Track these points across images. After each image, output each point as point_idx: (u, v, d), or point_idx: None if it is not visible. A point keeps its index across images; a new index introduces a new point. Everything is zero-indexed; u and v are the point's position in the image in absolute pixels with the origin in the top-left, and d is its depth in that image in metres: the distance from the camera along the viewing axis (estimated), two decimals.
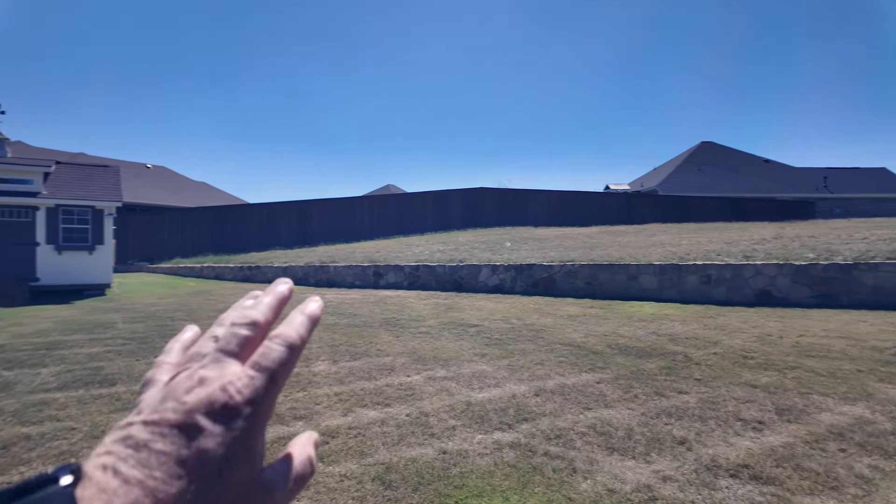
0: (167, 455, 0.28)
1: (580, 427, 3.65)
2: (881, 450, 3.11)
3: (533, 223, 23.81)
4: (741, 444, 3.23)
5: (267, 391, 0.32)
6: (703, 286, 9.14)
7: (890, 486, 2.67)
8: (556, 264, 10.78)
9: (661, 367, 5.07)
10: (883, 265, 8.04)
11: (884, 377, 4.54)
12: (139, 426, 0.30)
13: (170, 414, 0.30)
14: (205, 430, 0.29)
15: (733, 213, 25.69)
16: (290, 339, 0.35)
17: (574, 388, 4.54)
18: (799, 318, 7.32)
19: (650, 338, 6.38)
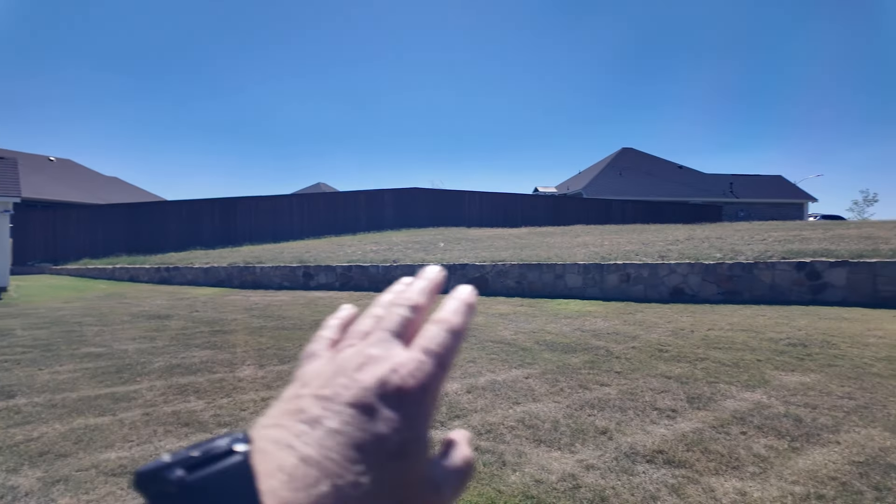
0: (342, 435, 0.27)
1: (510, 421, 3.76)
2: (776, 431, 3.43)
3: (466, 224, 24.15)
4: (657, 431, 3.46)
5: (436, 377, 0.30)
6: (623, 284, 9.67)
7: (783, 464, 2.96)
8: (487, 264, 11.00)
9: (585, 362, 5.32)
10: (779, 264, 8.87)
11: (778, 365, 5.01)
12: (310, 399, 0.28)
13: (343, 390, 0.28)
14: (379, 412, 0.28)
15: (651, 216, 27.34)
16: (454, 324, 0.33)
17: (504, 383, 4.66)
18: (708, 313, 7.93)
19: (575, 334, 6.67)
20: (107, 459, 3.27)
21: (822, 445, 3.20)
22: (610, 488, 2.71)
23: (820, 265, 8.57)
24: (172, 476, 0.24)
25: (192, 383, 4.91)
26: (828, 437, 3.32)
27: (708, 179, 41.75)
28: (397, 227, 23.64)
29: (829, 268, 8.50)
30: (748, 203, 39.23)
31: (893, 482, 2.69)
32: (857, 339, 5.89)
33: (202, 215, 23.63)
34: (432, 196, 25.94)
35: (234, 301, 10.85)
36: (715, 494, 2.61)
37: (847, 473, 2.80)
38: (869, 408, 3.85)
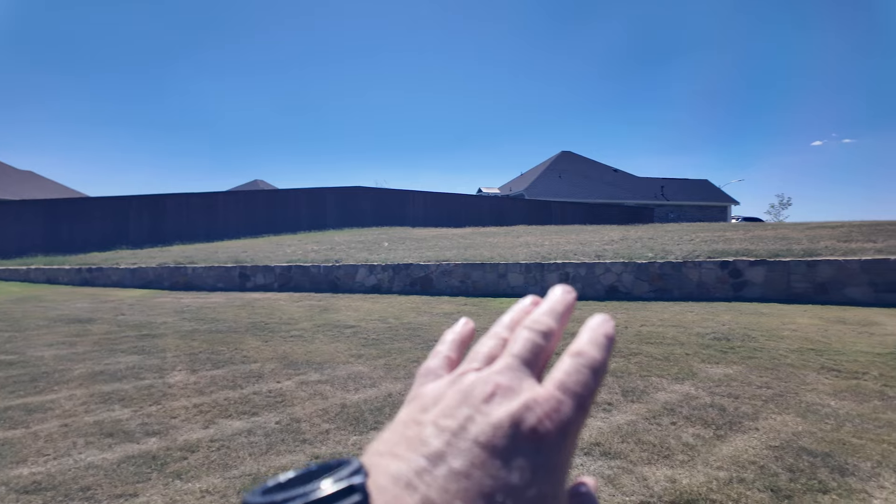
0: (469, 480, 0.22)
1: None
2: (703, 420, 3.64)
3: (411, 223, 24.10)
4: (594, 424, 3.58)
5: (575, 422, 0.26)
6: (563, 283, 9.96)
7: (709, 451, 3.14)
8: (432, 264, 11.01)
9: None
10: (705, 263, 9.43)
11: (705, 359, 5.32)
12: (432, 428, 0.25)
13: (470, 424, 0.24)
14: (513, 458, 0.23)
15: (589, 217, 28.35)
16: (595, 359, 0.29)
17: None
18: (641, 310, 8.31)
19: None
20: (19, 476, 3.01)
21: (743, 432, 3.42)
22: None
23: (741, 264, 9.18)
24: None
25: (116, 391, 4.60)
26: (748, 425, 3.56)
27: (641, 183, 43.81)
28: (340, 226, 23.25)
29: (749, 266, 9.13)
30: (678, 205, 41.49)
31: (804, 464, 2.92)
32: (774, 333, 6.35)
33: (129, 212, 22.26)
34: (376, 195, 25.71)
35: (164, 303, 10.29)
36: (647, 483, 2.73)
37: (765, 457, 3.01)
38: (784, 396, 4.15)
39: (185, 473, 3.03)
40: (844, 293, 8.47)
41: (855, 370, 4.77)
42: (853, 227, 11.64)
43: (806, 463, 2.93)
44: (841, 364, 4.97)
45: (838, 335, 6.15)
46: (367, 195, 25.37)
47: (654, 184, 43.75)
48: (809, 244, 10.03)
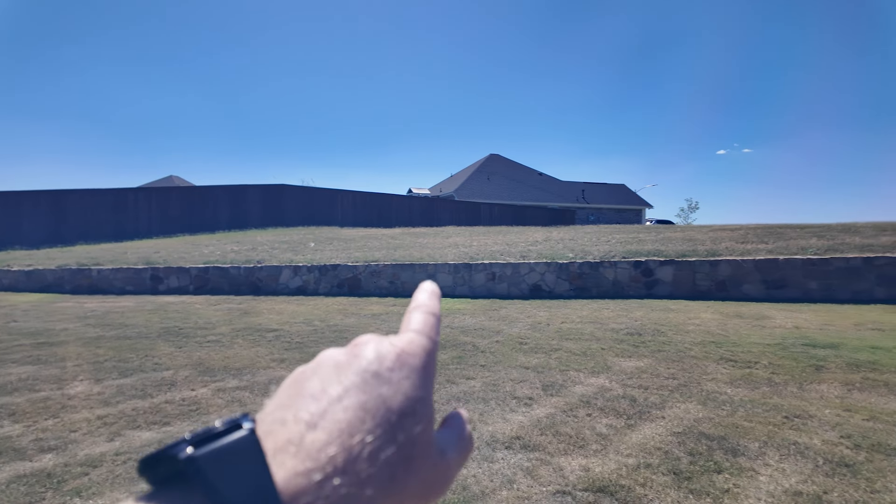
0: (347, 398, 0.28)
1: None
2: (615, 411, 3.86)
3: (339, 223, 23.64)
4: (515, 418, 3.70)
5: (429, 349, 0.33)
6: (490, 282, 10.19)
7: (620, 440, 3.34)
8: (360, 264, 10.87)
9: (454, 357, 5.51)
10: (620, 263, 9.98)
11: (619, 353, 5.64)
12: (314, 379, 0.30)
13: (345, 365, 0.30)
14: (382, 375, 0.29)
15: (516, 218, 29.16)
16: (432, 308, 0.36)
17: None
18: (561, 307, 8.66)
19: (444, 331, 6.86)
20: None
21: (651, 421, 3.66)
22: (471, 476, 2.83)
23: (652, 264, 9.81)
24: (180, 454, 0.24)
25: (7, 405, 4.17)
26: (656, 414, 3.81)
27: (564, 186, 45.66)
28: (263, 225, 22.36)
29: (659, 266, 9.77)
30: (597, 208, 43.63)
31: (703, 447, 3.18)
32: (680, 328, 6.85)
33: (23, 209, 20.20)
34: (303, 194, 24.97)
35: (64, 308, 9.44)
36: (563, 472, 2.85)
37: (669, 443, 3.24)
38: (687, 385, 4.48)
39: (86, 490, 2.80)
40: (741, 290, 9.29)
41: (748, 360, 5.24)
42: (749, 230, 12.78)
43: (704, 446, 3.19)
44: (737, 355, 5.44)
45: (735, 328, 6.73)
46: (293, 194, 24.58)
47: (575, 187, 45.75)
48: (712, 245, 10.90)
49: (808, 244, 10.23)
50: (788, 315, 7.54)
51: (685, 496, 2.59)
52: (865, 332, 6.38)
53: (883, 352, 5.39)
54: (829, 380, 4.55)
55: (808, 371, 4.82)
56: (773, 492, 2.63)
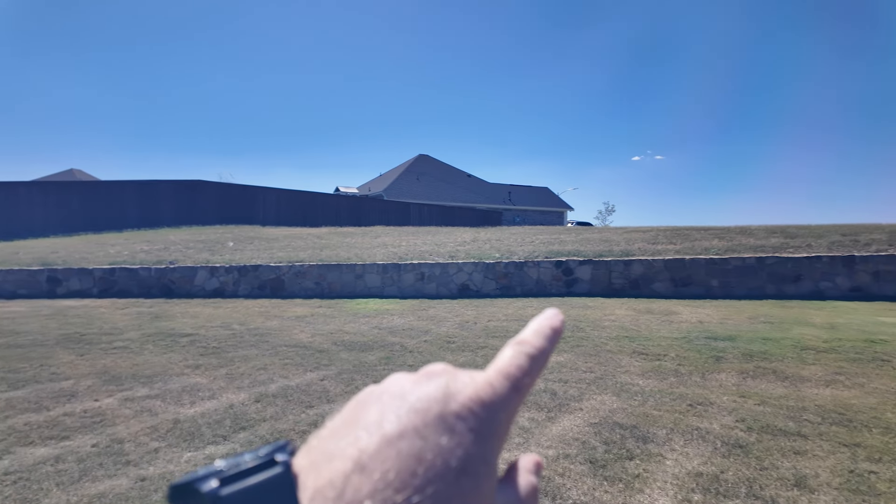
0: (403, 441, 0.24)
1: (301, 426, 3.65)
2: (537, 405, 4.00)
3: (261, 222, 22.70)
4: None
5: (509, 399, 0.28)
6: (419, 283, 10.21)
7: (541, 432, 3.46)
8: (284, 265, 10.52)
9: (381, 358, 5.46)
10: (543, 263, 10.35)
11: None
12: (374, 403, 0.27)
13: (409, 394, 0.27)
14: (445, 423, 0.26)
15: (445, 219, 29.42)
16: (535, 346, 0.31)
17: (298, 388, 4.51)
18: (488, 306, 8.85)
19: (373, 332, 6.80)
20: None
21: (570, 413, 3.83)
22: None
23: (572, 263, 10.26)
24: (205, 489, 0.23)
25: None
26: (575, 406, 3.99)
27: (491, 188, 46.67)
28: (178, 224, 21.03)
29: (578, 265, 10.24)
30: (523, 210, 44.99)
31: (617, 436, 3.37)
32: (597, 323, 7.21)
33: None
34: (222, 191, 23.73)
35: None
36: None
37: (586, 434, 3.41)
38: (603, 378, 4.73)
39: None
40: (652, 288, 9.94)
41: (658, 353, 5.62)
42: (659, 232, 13.69)
43: (618, 435, 3.38)
44: (648, 348, 5.82)
45: (646, 324, 7.19)
46: (211, 190, 23.30)
47: (502, 189, 46.91)
48: (626, 246, 11.57)
49: (710, 245, 11.13)
50: (693, 310, 8.16)
51: (600, 483, 2.73)
52: (758, 324, 7.04)
53: (772, 342, 5.97)
54: (728, 369, 4.98)
55: (709, 362, 5.24)
56: (678, 474, 2.83)
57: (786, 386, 4.45)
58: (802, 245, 10.80)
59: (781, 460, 3.00)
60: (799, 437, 3.33)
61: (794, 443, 3.25)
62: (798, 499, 2.56)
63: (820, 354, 5.45)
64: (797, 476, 2.80)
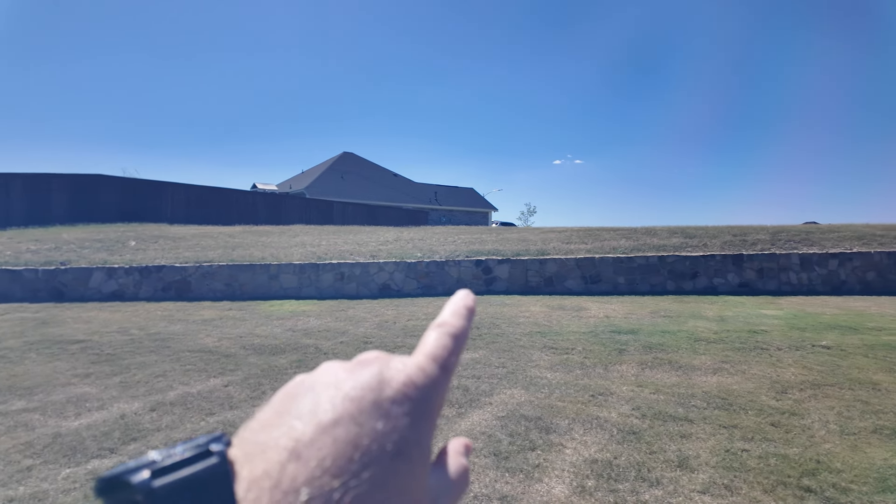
0: (338, 428, 0.25)
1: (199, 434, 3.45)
2: (448, 402, 4.04)
3: (169, 220, 21.24)
4: None
5: (439, 381, 0.29)
6: (338, 283, 10.01)
7: (450, 428, 3.50)
8: (191, 265, 9.91)
9: (293, 361, 5.29)
10: (463, 262, 10.51)
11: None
12: (307, 393, 0.27)
13: (343, 383, 0.27)
14: (380, 408, 0.26)
15: (369, 218, 29.08)
16: (456, 328, 0.32)
17: (199, 395, 4.27)
18: (409, 305, 8.84)
19: (286, 334, 6.57)
20: None
21: (480, 408, 3.90)
22: None
23: (491, 262, 10.50)
24: (136, 481, 0.22)
25: None
26: (485, 400, 4.07)
27: (418, 188, 46.72)
28: (72, 221, 19.19)
29: (497, 264, 10.49)
30: (449, 210, 45.44)
31: (522, 428, 3.47)
32: (513, 320, 7.42)
33: None
34: (124, 186, 21.95)
35: None
36: None
37: (493, 427, 3.49)
38: (514, 373, 4.87)
39: None
40: (565, 285, 10.39)
41: (567, 347, 5.87)
42: (573, 232, 14.34)
43: (523, 427, 3.49)
44: (557, 343, 6.06)
45: (558, 319, 7.50)
46: (112, 186, 21.45)
47: (429, 189, 47.10)
48: (542, 245, 12.01)
49: (618, 245, 11.81)
50: (601, 306, 8.61)
51: (502, 475, 2.80)
52: (658, 318, 7.55)
53: (669, 335, 6.43)
54: (629, 361, 5.29)
55: (612, 354, 5.55)
56: (575, 462, 2.97)
57: (679, 375, 4.81)
58: (699, 244, 11.75)
59: (669, 444, 3.23)
60: (686, 422, 3.61)
61: (682, 427, 3.52)
62: (679, 478, 2.77)
63: (710, 345, 5.94)
64: (681, 457, 3.02)
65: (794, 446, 3.18)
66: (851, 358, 5.36)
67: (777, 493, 2.60)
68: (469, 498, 2.58)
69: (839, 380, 4.61)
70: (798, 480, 2.73)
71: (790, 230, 13.14)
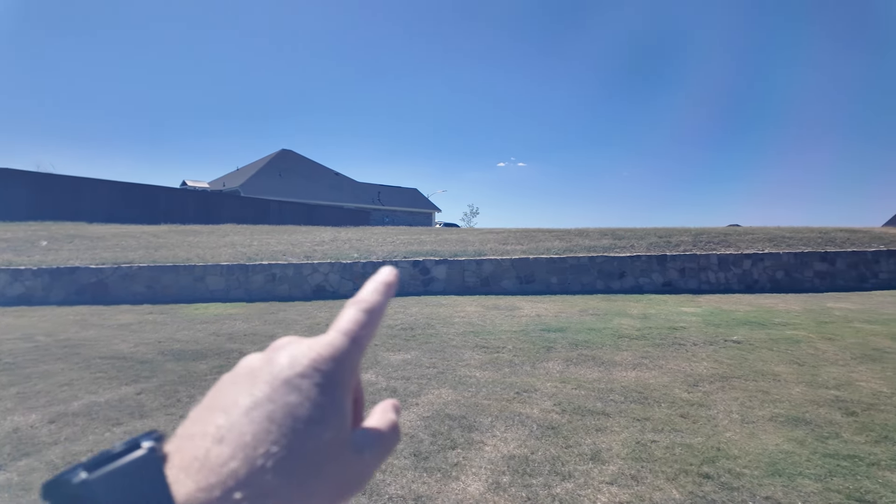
0: (256, 410, 0.27)
1: (103, 446, 3.22)
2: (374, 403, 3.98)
3: (88, 218, 19.83)
4: None
5: (349, 352, 0.31)
6: (269, 284, 9.69)
7: None
8: (108, 267, 9.29)
9: (214, 367, 5.06)
10: (401, 262, 10.46)
11: (390, 347, 5.88)
12: (229, 389, 0.30)
13: (260, 372, 0.30)
14: (292, 383, 0.29)
15: (308, 218, 28.39)
16: (370, 304, 0.34)
17: (107, 404, 4.00)
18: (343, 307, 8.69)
19: (209, 339, 6.29)
20: None
21: (406, 409, 3.88)
22: None
23: (429, 263, 10.51)
24: (74, 479, 0.24)
25: None
26: (412, 401, 4.06)
27: (360, 187, 46.13)
28: None
29: (435, 265, 10.52)
30: (392, 210, 45.16)
31: (445, 427, 3.49)
32: (447, 320, 7.46)
33: None
34: (37, 182, 20.31)
35: None
36: None
37: (416, 427, 3.48)
38: (444, 373, 4.89)
39: None
40: (501, 285, 10.56)
41: (498, 346, 5.96)
42: (510, 233, 14.62)
43: (446, 426, 3.50)
44: (489, 342, 6.14)
45: (492, 319, 7.61)
46: (23, 181, 19.78)
47: (372, 189, 46.61)
48: (480, 246, 12.16)
49: (552, 245, 12.15)
50: (534, 305, 8.82)
51: (419, 475, 2.80)
52: (586, 316, 7.82)
53: (595, 332, 6.67)
54: (555, 358, 5.44)
55: (541, 352, 5.69)
56: (494, 459, 3.01)
57: (601, 370, 4.99)
58: (627, 245, 12.28)
59: (585, 437, 3.34)
60: (603, 416, 3.75)
61: (598, 421, 3.65)
62: (591, 471, 2.87)
63: (632, 342, 6.21)
64: (594, 450, 3.13)
65: (698, 436, 3.38)
66: (758, 352, 5.76)
67: (678, 481, 2.75)
68: (384, 499, 2.55)
69: (745, 372, 4.94)
70: (699, 468, 2.90)
71: (711, 232, 13.99)
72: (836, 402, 4.06)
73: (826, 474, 2.83)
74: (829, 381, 4.65)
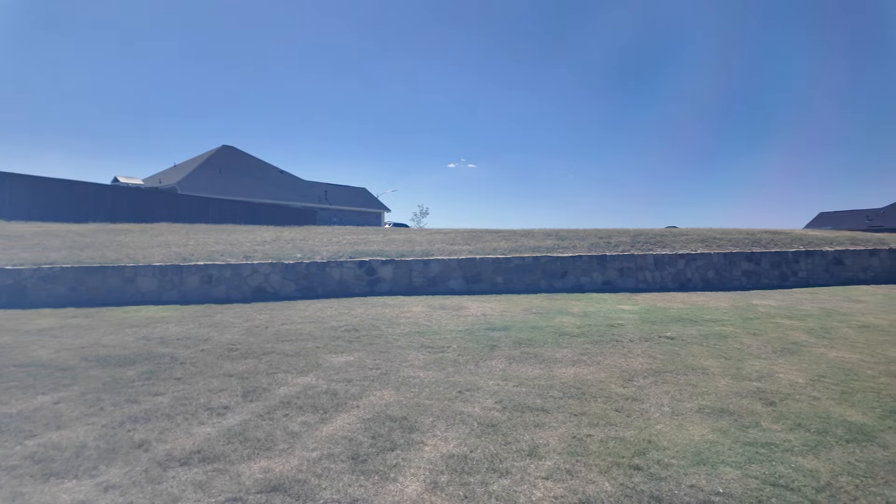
0: None
1: (13, 460, 2.98)
2: (313, 407, 3.89)
3: (6, 216, 18.35)
4: (202, 431, 3.39)
5: None
6: (205, 286, 9.29)
7: (310, 435, 3.37)
8: (27, 268, 8.63)
9: (142, 373, 4.79)
10: (346, 263, 10.29)
11: (332, 350, 5.76)
12: None
13: None
14: None
15: (251, 217, 27.46)
16: None
17: (19, 415, 3.69)
18: (286, 309, 8.45)
19: (138, 343, 5.95)
20: None
21: (346, 412, 3.81)
22: (129, 503, 2.47)
23: (376, 263, 10.40)
24: None
25: None
26: (353, 404, 3.99)
27: (306, 186, 45.06)
28: None
29: (381, 265, 10.42)
30: (339, 210, 44.39)
31: (385, 429, 3.45)
32: (393, 321, 7.39)
33: None
34: None
35: None
36: (241, 479, 2.72)
37: (356, 430, 3.42)
38: (388, 374, 4.83)
39: None
40: (448, 285, 10.60)
41: (443, 345, 5.96)
42: (458, 234, 14.71)
43: (386, 428, 3.46)
44: (434, 342, 6.14)
45: (438, 319, 7.61)
46: None
47: (319, 188, 45.63)
48: (428, 246, 12.16)
49: (498, 246, 12.32)
50: (480, 305, 8.90)
51: (357, 478, 2.75)
52: (530, 315, 7.97)
53: (538, 330, 6.80)
54: (499, 356, 5.50)
55: (485, 350, 5.74)
56: (433, 458, 3.00)
57: (542, 367, 5.09)
58: (570, 246, 12.63)
59: (523, 434, 3.39)
60: (542, 412, 3.82)
61: (537, 417, 3.71)
62: (528, 467, 2.92)
63: (572, 339, 6.37)
64: (532, 446, 3.18)
65: (631, 429, 3.50)
66: (689, 347, 6.05)
67: (611, 474, 2.83)
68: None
69: (677, 367, 5.18)
70: (630, 460, 3.00)
71: (648, 233, 14.61)
72: (757, 393, 4.32)
73: (745, 461, 3.00)
74: (752, 373, 4.94)
